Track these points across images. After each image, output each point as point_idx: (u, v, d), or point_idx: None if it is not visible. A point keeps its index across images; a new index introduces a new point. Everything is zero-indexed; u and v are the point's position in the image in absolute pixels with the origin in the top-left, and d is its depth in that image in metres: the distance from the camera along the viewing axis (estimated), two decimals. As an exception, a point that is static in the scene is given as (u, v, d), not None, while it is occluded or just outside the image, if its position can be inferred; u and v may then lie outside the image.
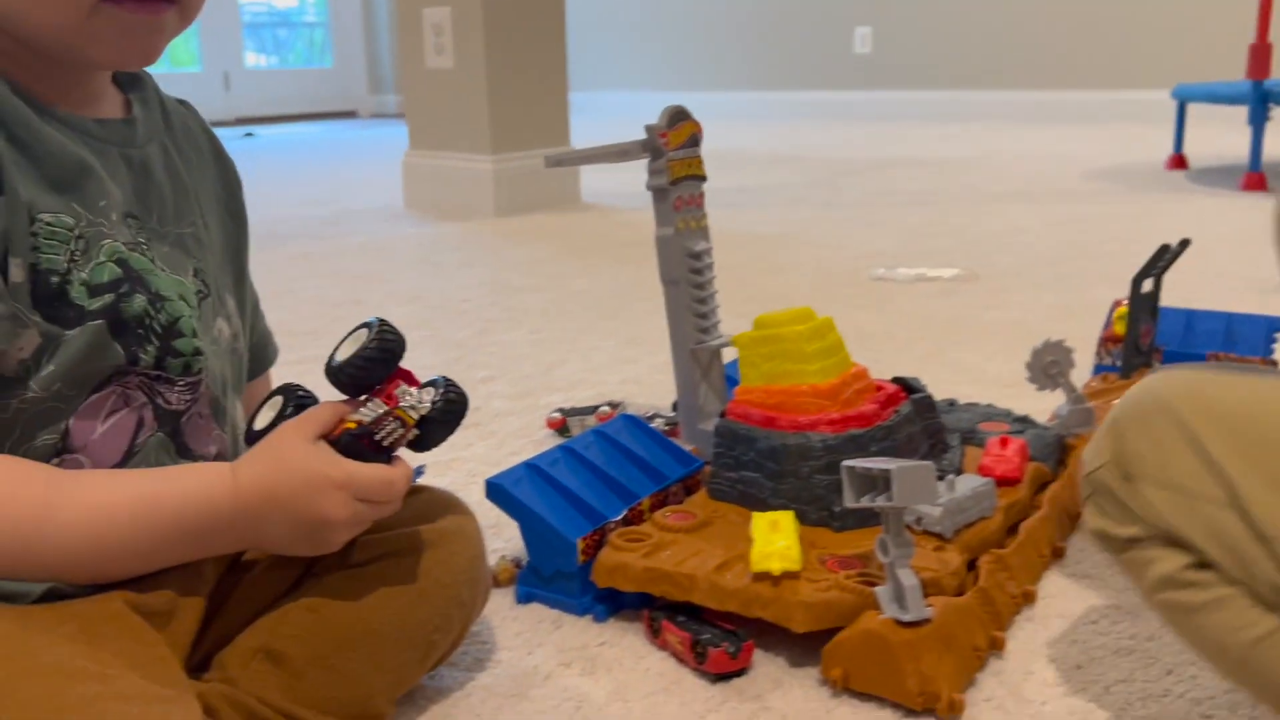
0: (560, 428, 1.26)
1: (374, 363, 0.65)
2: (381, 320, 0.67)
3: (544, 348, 1.63)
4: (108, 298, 0.60)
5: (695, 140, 1.05)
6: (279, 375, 0.79)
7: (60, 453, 0.60)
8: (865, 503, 0.74)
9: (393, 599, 0.69)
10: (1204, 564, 0.60)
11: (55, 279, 0.58)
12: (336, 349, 0.67)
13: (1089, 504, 0.66)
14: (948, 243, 2.37)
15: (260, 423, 0.67)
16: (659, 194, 1.04)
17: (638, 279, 2.05)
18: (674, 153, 1.03)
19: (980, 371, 1.46)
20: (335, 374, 0.66)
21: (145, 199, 0.66)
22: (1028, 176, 3.36)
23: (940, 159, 3.85)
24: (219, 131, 0.77)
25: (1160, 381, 0.63)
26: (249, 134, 5.58)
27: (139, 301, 0.61)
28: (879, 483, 0.74)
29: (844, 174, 3.58)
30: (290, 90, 6.62)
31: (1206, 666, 0.76)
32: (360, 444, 0.64)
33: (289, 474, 0.61)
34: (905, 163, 3.79)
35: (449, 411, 0.66)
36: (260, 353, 0.79)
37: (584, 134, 2.81)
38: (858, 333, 1.60)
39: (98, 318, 0.60)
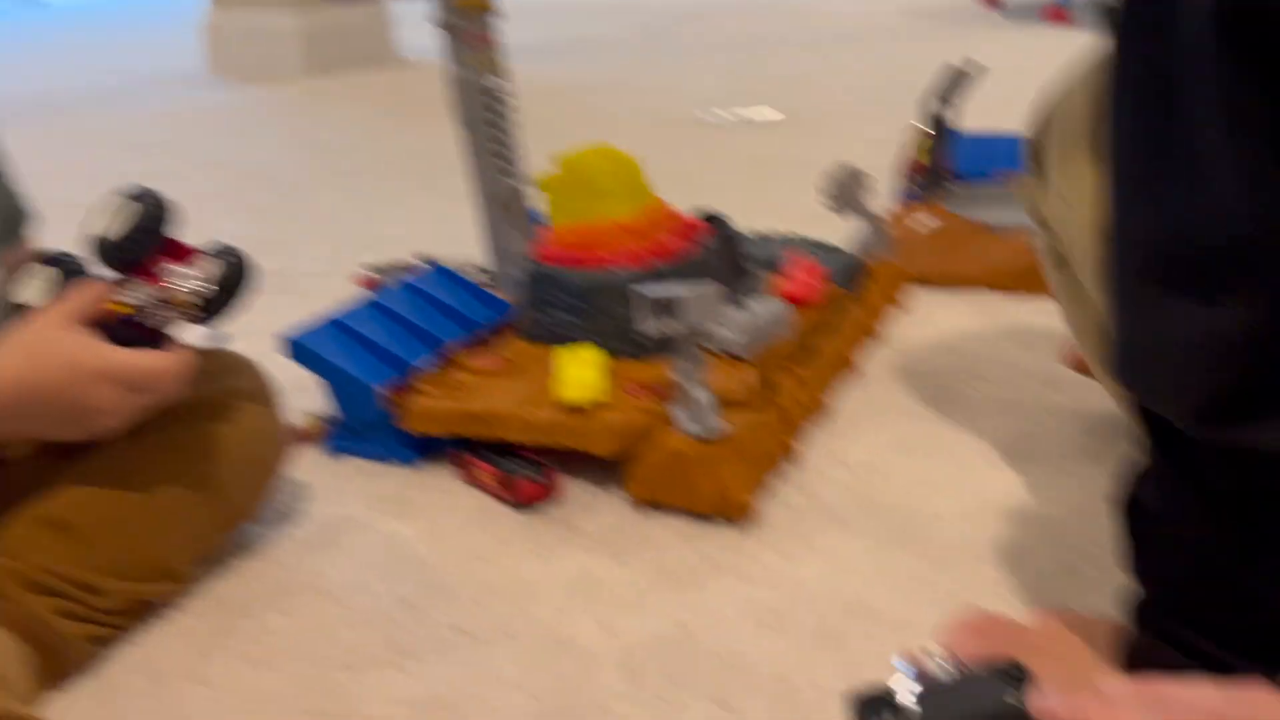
0: (373, 286, 1.23)
1: (140, 235, 0.62)
2: (144, 188, 0.63)
3: (357, 208, 1.58)
4: None
5: (483, -28, 1.00)
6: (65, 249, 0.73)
7: None
8: (656, 326, 0.76)
9: (182, 461, 0.67)
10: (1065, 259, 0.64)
11: None
12: (97, 221, 0.63)
13: (1022, 185, 0.69)
14: (768, 85, 2.38)
15: (24, 296, 0.63)
16: (449, 31, 0.99)
17: (456, 135, 1.99)
18: (459, -16, 0.98)
19: (793, 205, 1.48)
20: (98, 250, 0.62)
21: None
22: (844, 18, 3.38)
23: (759, 5, 3.83)
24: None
25: (1076, 67, 0.64)
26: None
27: None
28: (669, 306, 0.75)
29: (665, 21, 3.52)
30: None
31: (988, 443, 0.83)
32: (130, 330, 0.61)
33: (48, 367, 0.58)
34: (726, 10, 3.75)
35: (225, 283, 0.63)
36: (10, 215, 0.73)
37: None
38: (675, 173, 1.59)
39: None
